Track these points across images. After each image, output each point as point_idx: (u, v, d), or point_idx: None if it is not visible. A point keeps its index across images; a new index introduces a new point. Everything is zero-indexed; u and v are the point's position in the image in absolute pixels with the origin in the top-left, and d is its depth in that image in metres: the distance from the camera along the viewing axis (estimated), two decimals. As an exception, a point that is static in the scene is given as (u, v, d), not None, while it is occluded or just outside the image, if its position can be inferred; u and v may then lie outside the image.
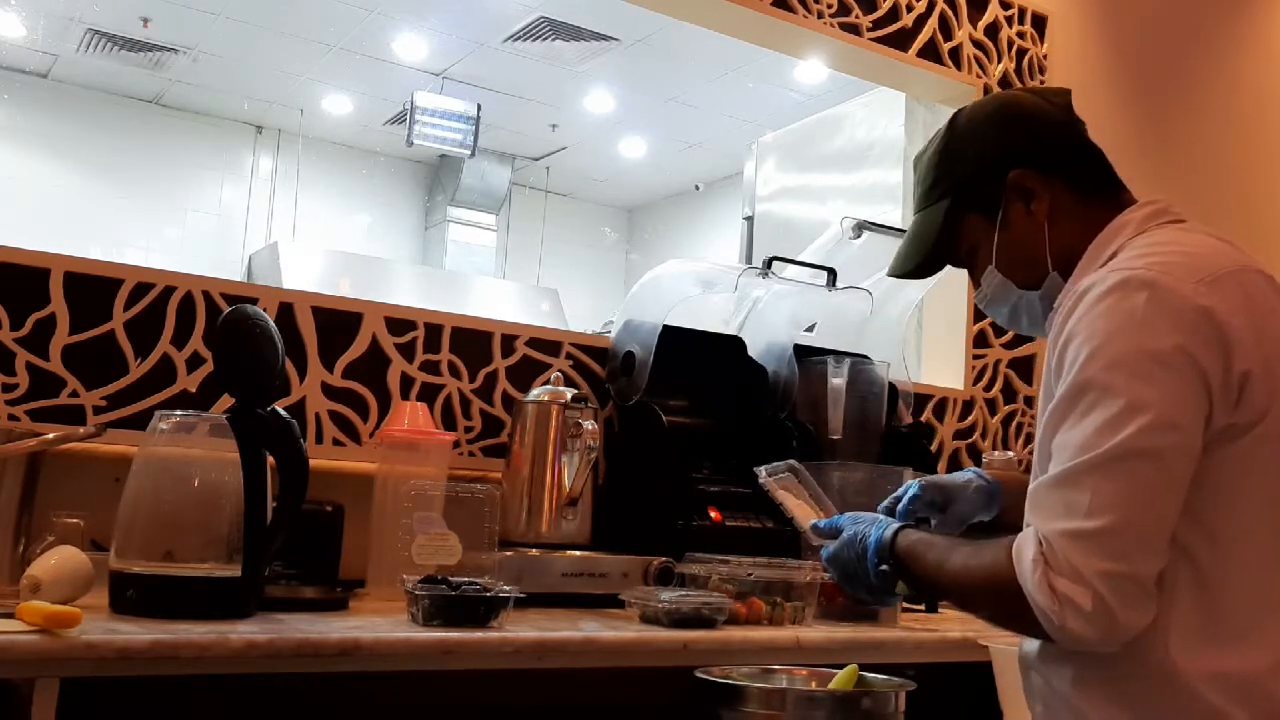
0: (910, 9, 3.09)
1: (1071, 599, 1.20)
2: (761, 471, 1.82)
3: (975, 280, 1.58)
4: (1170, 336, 1.25)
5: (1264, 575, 1.28)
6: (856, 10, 2.99)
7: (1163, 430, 1.23)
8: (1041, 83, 3.30)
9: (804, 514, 1.73)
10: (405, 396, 2.26)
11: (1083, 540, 1.21)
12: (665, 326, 2.40)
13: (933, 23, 3.14)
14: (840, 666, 1.53)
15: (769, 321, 2.64)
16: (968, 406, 3.12)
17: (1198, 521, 1.27)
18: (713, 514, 2.26)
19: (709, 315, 2.71)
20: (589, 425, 2.17)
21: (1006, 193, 1.50)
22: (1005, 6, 3.31)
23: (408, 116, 6.94)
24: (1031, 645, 1.40)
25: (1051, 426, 1.30)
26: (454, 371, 2.34)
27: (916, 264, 1.59)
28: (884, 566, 1.45)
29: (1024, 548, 1.25)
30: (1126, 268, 1.31)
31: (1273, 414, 1.28)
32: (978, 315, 3.18)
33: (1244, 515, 1.28)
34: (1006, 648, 1.66)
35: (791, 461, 1.82)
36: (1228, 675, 1.24)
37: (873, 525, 1.50)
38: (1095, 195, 1.49)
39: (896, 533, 1.46)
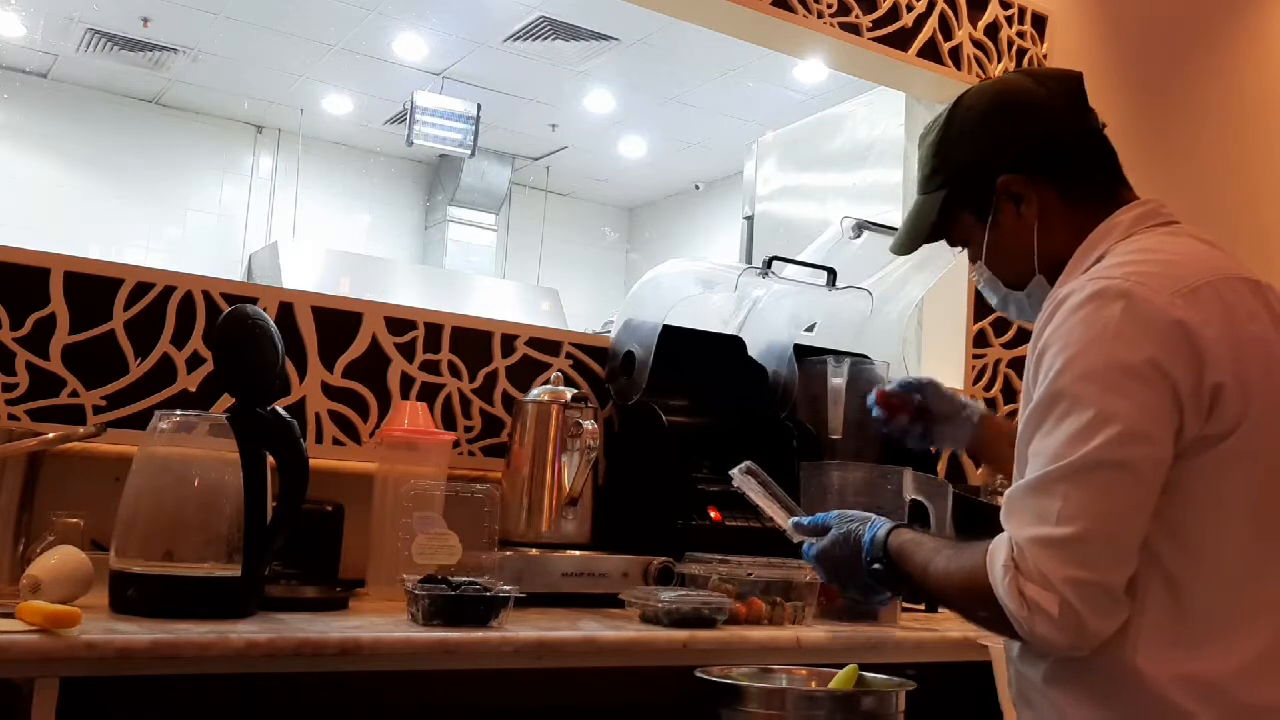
0: (910, 9, 3.09)
1: (1040, 604, 1.22)
2: (735, 472, 1.83)
3: (971, 265, 1.62)
4: (1142, 349, 1.26)
5: (1232, 582, 1.29)
6: (856, 10, 2.99)
7: (1132, 441, 1.24)
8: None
9: (779, 512, 1.74)
10: (405, 396, 2.26)
11: (1052, 548, 1.23)
12: (665, 326, 2.40)
13: (933, 22, 3.14)
14: (840, 666, 1.53)
15: (769, 321, 2.64)
16: (968, 406, 3.11)
17: (1169, 528, 1.28)
18: (713, 514, 2.26)
19: (709, 315, 2.71)
20: (589, 425, 2.17)
21: (997, 195, 1.50)
22: (1005, 6, 3.31)
23: (408, 116, 6.94)
24: (1014, 645, 1.42)
25: (1027, 434, 1.32)
26: (454, 371, 2.34)
27: (914, 247, 1.65)
28: (876, 565, 1.46)
29: (997, 553, 1.28)
30: (1105, 277, 1.32)
31: (1245, 425, 1.28)
32: (978, 315, 3.18)
33: (1214, 523, 1.29)
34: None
35: (748, 463, 1.82)
36: (1193, 677, 1.26)
37: (865, 523, 1.50)
38: (1086, 197, 1.48)
39: (890, 531, 1.47)
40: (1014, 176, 1.48)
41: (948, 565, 1.37)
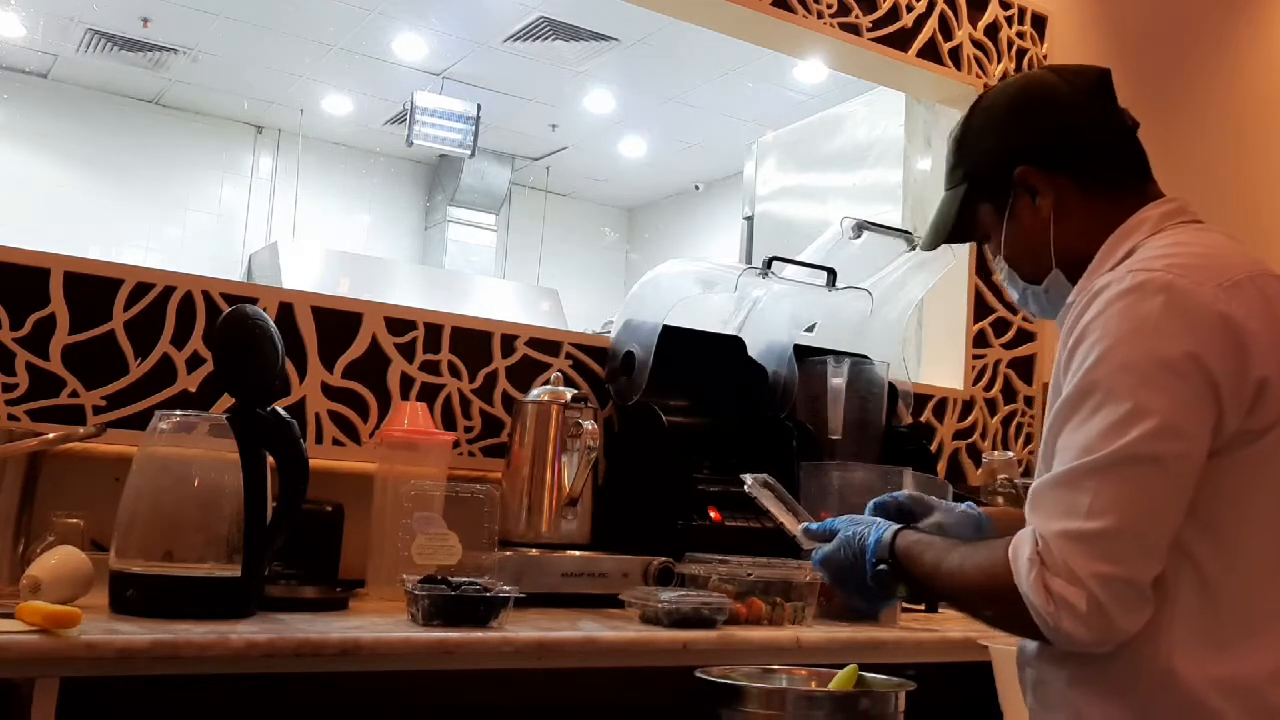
0: (910, 9, 3.09)
1: (1066, 600, 1.20)
2: (748, 479, 1.82)
3: (992, 259, 1.62)
4: (1182, 343, 1.24)
5: (1267, 581, 1.27)
6: (856, 10, 2.99)
7: (1166, 436, 1.22)
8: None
9: (790, 519, 1.74)
10: (405, 396, 2.26)
11: (1080, 542, 1.21)
12: (665, 326, 2.40)
13: (933, 23, 3.14)
14: (840, 666, 1.52)
15: (769, 321, 2.64)
16: (967, 406, 3.12)
17: (1204, 525, 1.26)
18: (713, 514, 2.26)
19: (709, 315, 2.71)
20: (589, 425, 2.17)
21: (1014, 187, 1.50)
22: (1005, 6, 3.31)
23: (408, 116, 6.94)
24: (1030, 643, 1.40)
25: (1056, 426, 1.30)
26: (454, 371, 2.34)
27: (939, 243, 1.64)
28: (882, 566, 1.44)
29: (1020, 547, 1.25)
30: (1145, 268, 1.30)
31: None
32: (978, 315, 3.18)
33: (1251, 520, 1.28)
34: (1006, 648, 1.65)
35: (765, 475, 1.82)
36: (1227, 679, 1.24)
37: (871, 527, 1.48)
38: (1105, 193, 1.47)
39: (896, 534, 1.45)
40: (1030, 169, 1.48)
41: (962, 562, 1.35)
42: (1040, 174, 1.48)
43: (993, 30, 3.27)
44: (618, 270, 9.01)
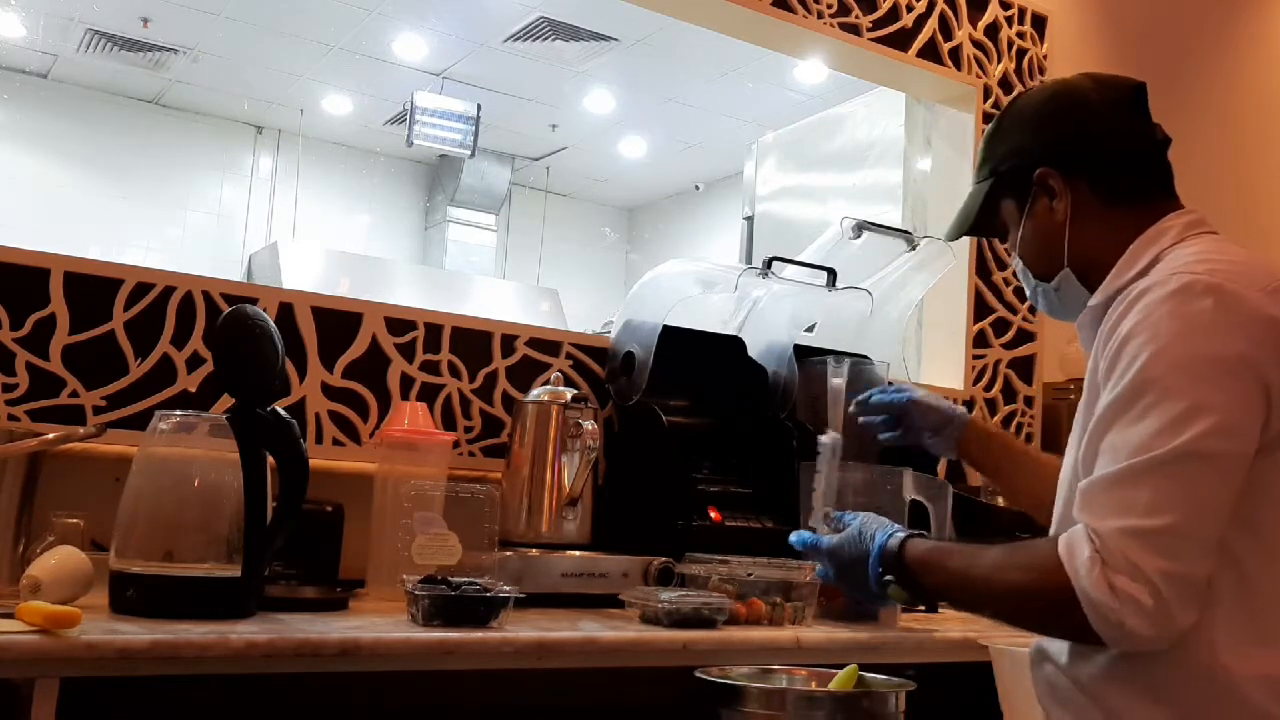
0: (910, 9, 3.09)
1: (1131, 595, 1.20)
2: (828, 434, 2.03)
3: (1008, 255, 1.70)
4: (1235, 343, 1.26)
5: None
6: (856, 10, 2.99)
7: (1224, 434, 1.24)
8: (1041, 84, 3.31)
9: (820, 496, 1.83)
10: (405, 396, 2.26)
11: (1141, 538, 1.21)
12: (665, 326, 2.40)
13: (933, 23, 3.14)
14: (840, 666, 1.52)
15: (769, 321, 2.63)
16: (968, 406, 3.11)
17: (1246, 524, 1.27)
18: (713, 514, 2.26)
19: (709, 315, 2.71)
20: (589, 425, 2.17)
21: (1034, 186, 1.54)
22: (1005, 6, 3.31)
23: (408, 116, 6.94)
24: (1054, 644, 1.40)
25: (1102, 426, 1.30)
26: (454, 371, 2.34)
27: (961, 234, 1.69)
28: (888, 577, 1.46)
29: (1076, 546, 1.24)
30: (1188, 271, 1.32)
31: None
32: (978, 315, 3.18)
33: None
34: (1007, 648, 1.66)
35: (840, 439, 2.01)
36: (1269, 677, 1.25)
37: (880, 528, 1.50)
38: (1123, 202, 1.50)
39: (904, 541, 1.46)
40: (1050, 170, 1.52)
41: (998, 565, 1.34)
42: (1060, 177, 1.52)
43: (993, 30, 3.27)
44: (618, 270, 9.01)
